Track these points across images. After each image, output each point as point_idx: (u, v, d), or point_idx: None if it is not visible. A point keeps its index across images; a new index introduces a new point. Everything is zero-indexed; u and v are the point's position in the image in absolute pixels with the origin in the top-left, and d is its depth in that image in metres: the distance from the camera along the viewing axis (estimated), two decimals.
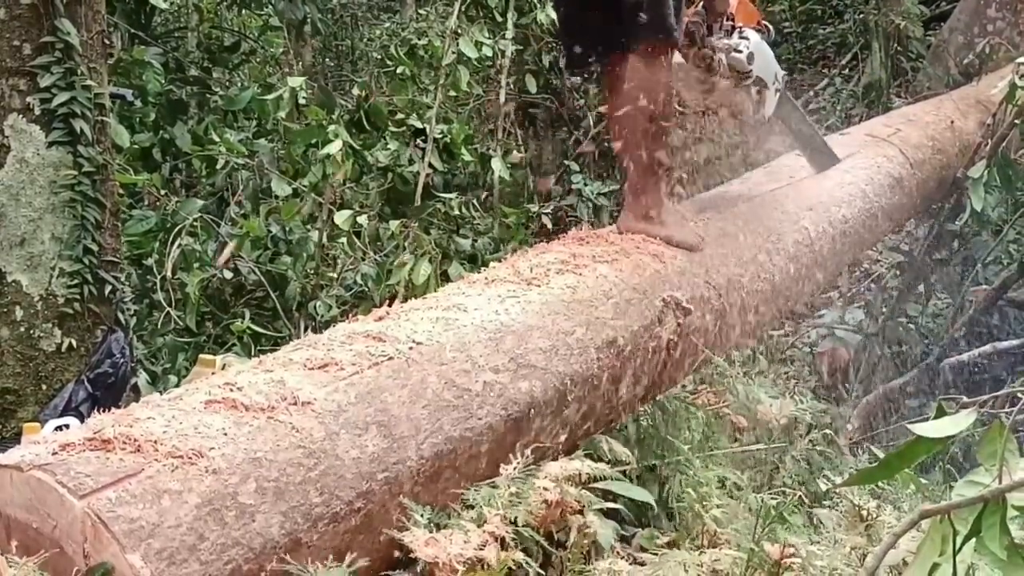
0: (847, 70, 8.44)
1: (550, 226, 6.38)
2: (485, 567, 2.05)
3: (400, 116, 6.18)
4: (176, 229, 5.07)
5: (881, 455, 2.45)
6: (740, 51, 3.48)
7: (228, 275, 5.28)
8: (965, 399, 3.99)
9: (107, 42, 3.95)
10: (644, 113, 3.23)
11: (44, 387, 3.54)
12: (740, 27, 3.54)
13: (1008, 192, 5.11)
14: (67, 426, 2.96)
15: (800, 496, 2.99)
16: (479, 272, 3.08)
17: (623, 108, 3.29)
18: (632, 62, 3.24)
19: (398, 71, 6.36)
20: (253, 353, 4.59)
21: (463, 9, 6.04)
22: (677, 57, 3.36)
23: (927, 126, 5.35)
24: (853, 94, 8.00)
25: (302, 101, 5.92)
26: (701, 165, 3.69)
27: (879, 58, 7.76)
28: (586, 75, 6.43)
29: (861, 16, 8.36)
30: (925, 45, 7.82)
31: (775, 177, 4.20)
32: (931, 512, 1.55)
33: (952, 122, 5.46)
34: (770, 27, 3.70)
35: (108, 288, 3.65)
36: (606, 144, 7.37)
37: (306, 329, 4.89)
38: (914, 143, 5.07)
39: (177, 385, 3.95)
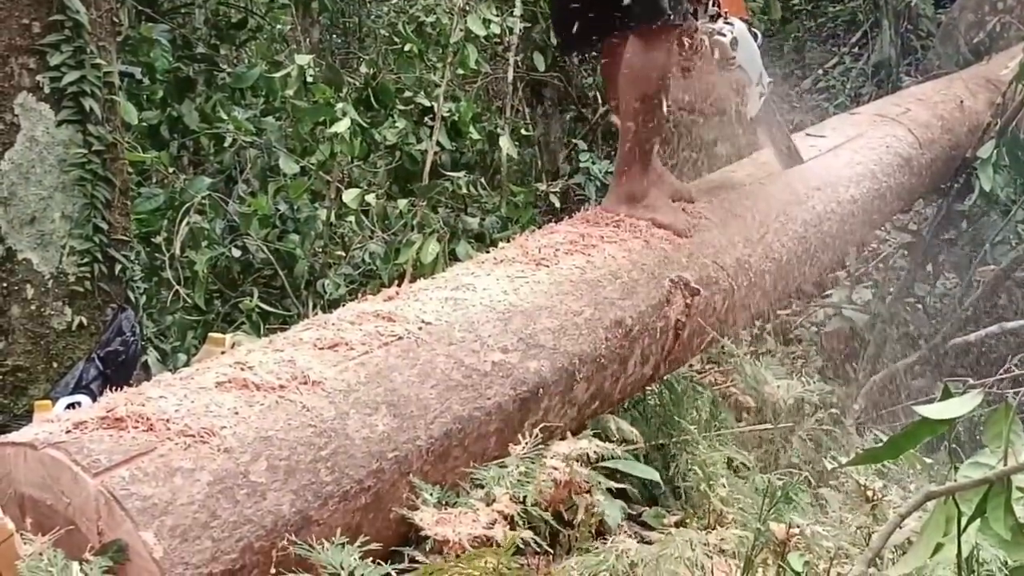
0: (857, 48, 8.40)
1: (558, 205, 6.38)
2: (494, 545, 2.07)
3: (408, 94, 6.17)
4: (184, 207, 5.07)
5: (887, 435, 2.47)
6: (724, 35, 3.46)
7: (236, 253, 5.29)
8: (972, 380, 4.00)
9: (115, 20, 3.94)
10: (635, 94, 3.22)
11: (55, 365, 3.55)
12: (726, 13, 3.52)
13: (1017, 172, 5.09)
14: (78, 404, 2.98)
15: (806, 476, 3.01)
16: (487, 251, 3.09)
17: (618, 88, 3.29)
18: (628, 43, 3.22)
19: (406, 49, 6.33)
20: (262, 331, 4.61)
21: None
22: None
23: (936, 106, 5.32)
24: (863, 72, 7.96)
25: (310, 79, 5.90)
26: (699, 148, 3.68)
27: (889, 36, 7.72)
28: (581, 55, 6.41)
29: None
30: (935, 23, 7.77)
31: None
32: (936, 493, 1.56)
33: (961, 101, 5.44)
34: (758, 32, 3.68)
35: (118, 266, 3.66)
36: (613, 122, 7.36)
37: (314, 308, 4.90)
38: (923, 123, 5.06)
39: (187, 363, 3.97)
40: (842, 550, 2.42)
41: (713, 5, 3.49)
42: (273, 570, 1.95)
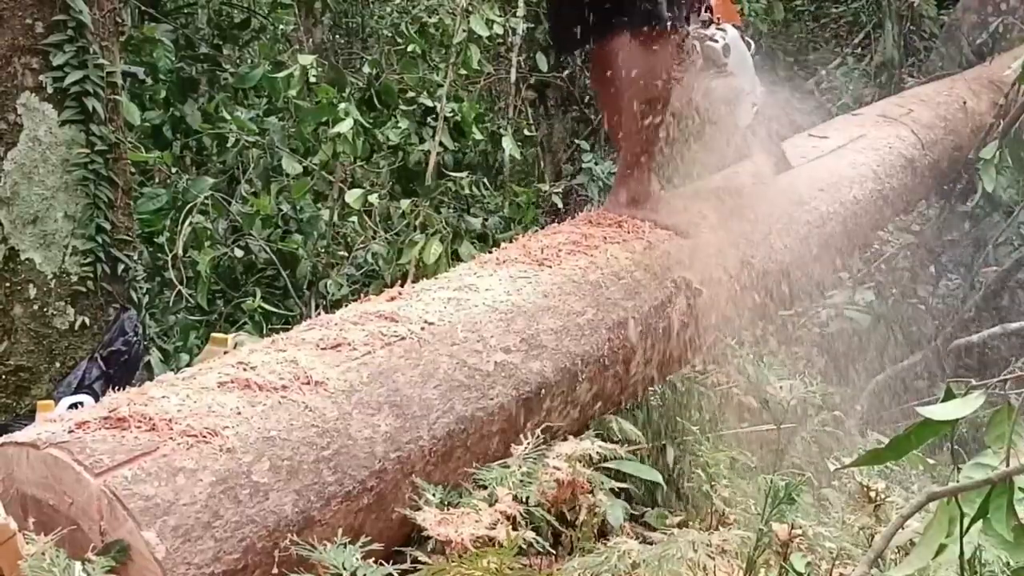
0: (860, 49, 8.38)
1: (560, 205, 6.37)
2: (496, 546, 2.07)
3: (411, 94, 6.16)
4: (187, 207, 5.07)
5: (889, 436, 2.46)
6: (716, 41, 3.45)
7: (239, 253, 5.29)
8: (974, 381, 4.00)
9: (118, 20, 3.95)
10: (639, 96, 3.21)
11: (58, 365, 3.56)
12: (719, 19, 3.50)
13: (1020, 173, 5.09)
14: (81, 404, 2.98)
15: (809, 477, 3.01)
16: (490, 251, 3.10)
17: (616, 90, 3.28)
18: (628, 47, 3.22)
19: (409, 49, 6.33)
20: (264, 332, 4.61)
21: None
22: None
23: (939, 106, 5.33)
24: (865, 73, 7.95)
25: (312, 79, 5.90)
26: (689, 154, 3.66)
27: (892, 37, 7.70)
28: (583, 55, 6.40)
29: None
30: (938, 24, 7.76)
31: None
32: (939, 494, 1.56)
33: (964, 103, 5.44)
34: (751, 41, 3.66)
35: (121, 266, 3.67)
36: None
37: (317, 308, 4.90)
38: (926, 123, 5.06)
39: (189, 363, 3.97)
40: (844, 551, 2.42)
41: (705, 11, 3.48)
42: (275, 570, 1.95)
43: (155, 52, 5.48)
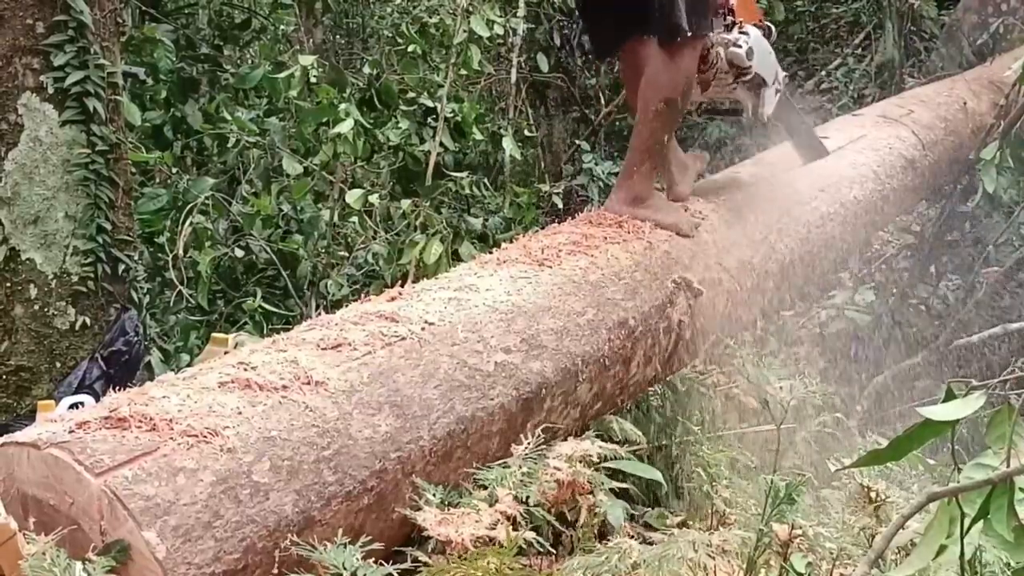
0: (860, 49, 8.39)
1: (561, 205, 6.38)
2: (496, 546, 2.07)
3: (411, 95, 6.16)
4: (188, 207, 5.08)
5: (890, 437, 2.46)
6: (740, 46, 3.44)
7: (239, 253, 5.30)
8: (975, 381, 4.00)
9: (119, 20, 3.95)
10: (657, 99, 3.22)
11: (58, 365, 3.56)
12: (740, 22, 3.50)
13: (1020, 173, 5.09)
14: (81, 404, 2.99)
15: (809, 477, 3.01)
16: (490, 251, 3.10)
17: (638, 90, 3.30)
18: (649, 49, 3.23)
19: (409, 49, 6.33)
20: (265, 332, 4.61)
21: None
22: None
23: (939, 107, 5.33)
24: (866, 74, 7.95)
25: (313, 79, 5.90)
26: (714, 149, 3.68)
27: (892, 37, 7.70)
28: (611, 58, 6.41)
29: None
30: (939, 25, 7.76)
31: (788, 158, 4.19)
32: (939, 494, 1.56)
33: (965, 103, 5.44)
34: (772, 27, 3.66)
35: (122, 267, 3.67)
36: (617, 123, 7.38)
37: (317, 308, 4.90)
38: (926, 124, 5.06)
39: (190, 363, 3.97)
40: (845, 551, 2.42)
41: (728, 15, 3.47)
42: (276, 570, 1.96)
43: (156, 52, 5.49)
